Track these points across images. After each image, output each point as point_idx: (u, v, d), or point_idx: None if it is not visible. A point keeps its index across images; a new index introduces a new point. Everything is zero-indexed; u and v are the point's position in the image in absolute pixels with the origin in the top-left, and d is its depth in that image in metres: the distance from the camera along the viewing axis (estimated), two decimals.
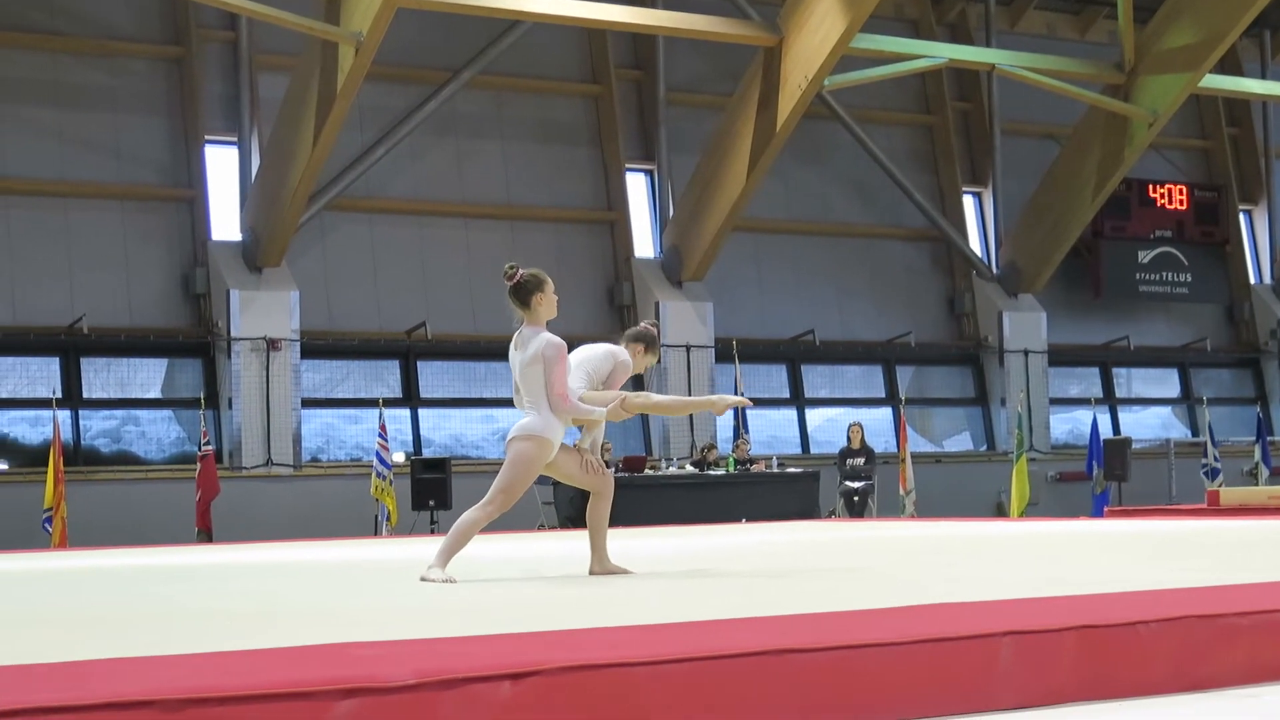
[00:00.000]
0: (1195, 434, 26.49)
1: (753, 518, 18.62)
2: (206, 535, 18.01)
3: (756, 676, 3.83)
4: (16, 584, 8.72)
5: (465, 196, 22.40)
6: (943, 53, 22.95)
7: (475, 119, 22.60)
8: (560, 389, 7.37)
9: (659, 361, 21.51)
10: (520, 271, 7.45)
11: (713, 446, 20.58)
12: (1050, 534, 12.71)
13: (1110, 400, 27.10)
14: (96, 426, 20.23)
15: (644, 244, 23.47)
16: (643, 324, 8.29)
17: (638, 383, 20.39)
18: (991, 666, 4.12)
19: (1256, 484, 23.54)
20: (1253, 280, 28.41)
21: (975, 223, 26.21)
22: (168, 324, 20.46)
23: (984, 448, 25.60)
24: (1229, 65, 26.34)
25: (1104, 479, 22.43)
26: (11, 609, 6.68)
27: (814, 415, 24.69)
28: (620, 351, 8.05)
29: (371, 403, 20.55)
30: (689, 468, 20.17)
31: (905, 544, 11.21)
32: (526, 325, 7.48)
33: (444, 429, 22.10)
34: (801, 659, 3.90)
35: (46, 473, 17.66)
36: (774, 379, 24.32)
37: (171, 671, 3.67)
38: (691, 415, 22.40)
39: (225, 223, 20.83)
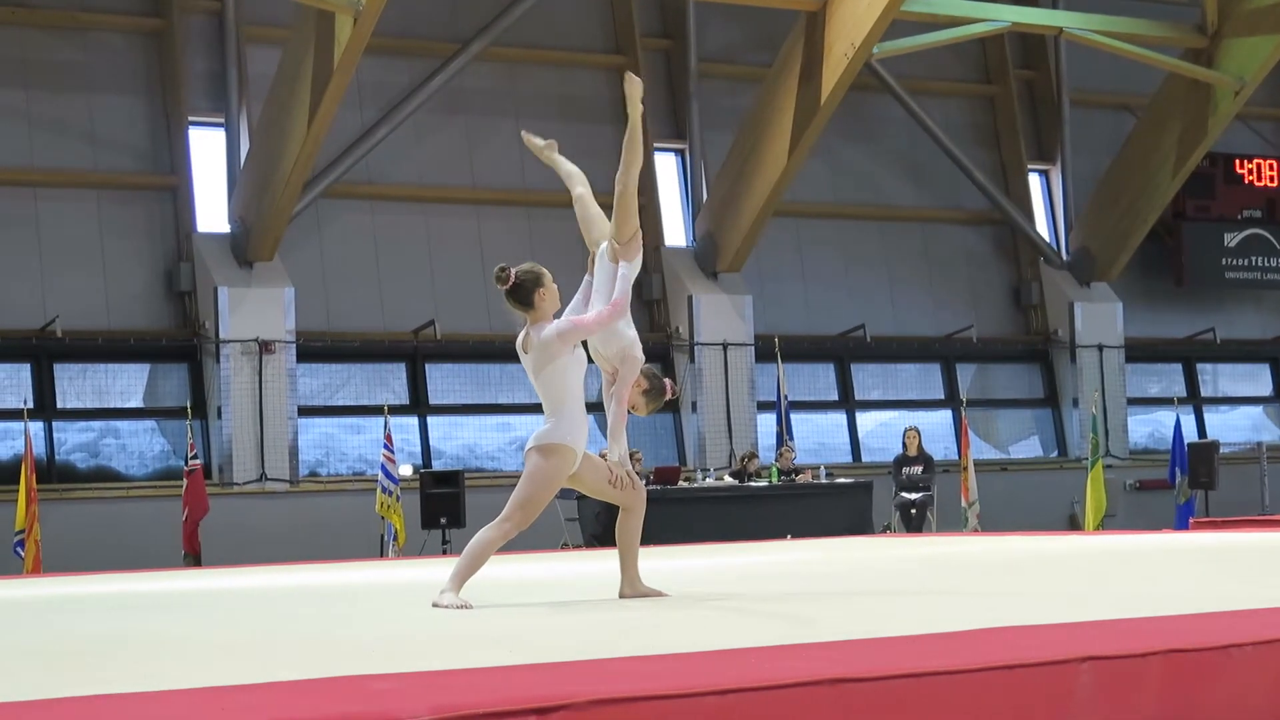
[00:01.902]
0: None
1: (799, 534, 18.61)
2: (194, 558, 18.07)
3: (805, 709, 3.83)
4: None
5: (476, 181, 22.41)
6: (1005, 15, 22.89)
7: (487, 95, 22.62)
8: (603, 313, 7.67)
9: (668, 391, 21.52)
10: (513, 271, 7.55)
11: (753, 455, 20.56)
12: (1130, 548, 12.68)
13: (1195, 400, 27.00)
14: (72, 440, 20.30)
15: (675, 232, 23.46)
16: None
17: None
18: (1068, 696, 4.11)
19: None
20: None
21: (1042, 204, 26.13)
22: (149, 325, 20.51)
23: (1055, 454, 25.53)
24: None
25: (1189, 487, 22.35)
26: None
27: (865, 419, 24.64)
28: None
29: (376, 410, 20.58)
30: (727, 479, 20.16)
31: (968, 561, 11.19)
32: (532, 325, 7.56)
33: (455, 439, 22.13)
34: (855, 689, 3.90)
35: (17, 491, 17.69)
36: (820, 379, 24.29)
37: (161, 709, 3.68)
38: (730, 422, 22.39)
39: (212, 213, 20.88)
